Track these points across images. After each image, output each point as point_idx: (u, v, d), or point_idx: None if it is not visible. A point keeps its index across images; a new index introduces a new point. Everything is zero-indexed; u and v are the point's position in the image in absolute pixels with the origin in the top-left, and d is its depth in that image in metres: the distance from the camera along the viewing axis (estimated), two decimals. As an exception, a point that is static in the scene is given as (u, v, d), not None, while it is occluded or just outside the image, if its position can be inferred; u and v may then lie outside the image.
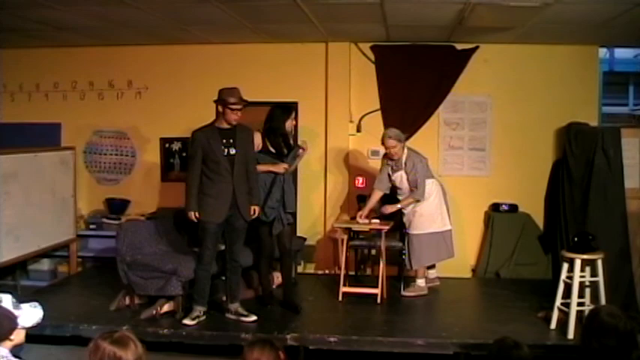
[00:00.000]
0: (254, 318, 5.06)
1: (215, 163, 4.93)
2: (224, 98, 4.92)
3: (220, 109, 4.97)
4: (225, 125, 4.99)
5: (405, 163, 5.83)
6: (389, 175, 5.93)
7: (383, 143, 5.82)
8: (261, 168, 5.31)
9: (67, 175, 6.80)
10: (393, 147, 5.77)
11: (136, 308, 5.27)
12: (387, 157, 5.92)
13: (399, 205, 5.85)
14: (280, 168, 5.37)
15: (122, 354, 2.51)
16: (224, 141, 4.95)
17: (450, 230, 5.98)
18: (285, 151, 5.47)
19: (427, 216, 5.86)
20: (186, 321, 4.92)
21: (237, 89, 5.01)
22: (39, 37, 6.53)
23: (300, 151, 5.67)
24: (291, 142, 5.64)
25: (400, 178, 5.87)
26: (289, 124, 5.53)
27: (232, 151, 4.95)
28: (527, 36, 6.18)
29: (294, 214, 5.74)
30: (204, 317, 5.01)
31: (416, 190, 5.79)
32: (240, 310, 5.11)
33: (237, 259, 5.13)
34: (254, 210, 5.10)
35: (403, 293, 5.89)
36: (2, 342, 2.64)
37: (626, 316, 2.91)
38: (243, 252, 5.38)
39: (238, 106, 4.92)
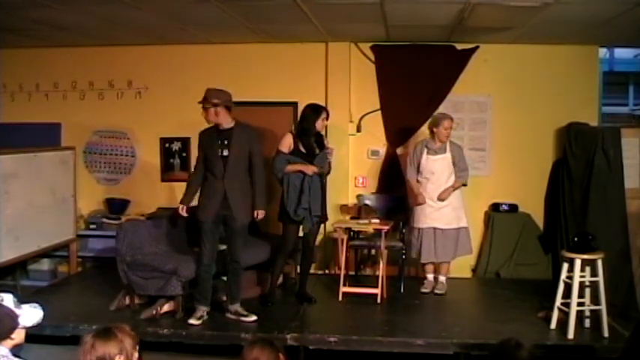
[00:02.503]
0: (254, 318, 5.06)
1: (211, 163, 5.00)
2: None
3: None
4: (224, 126, 5.00)
5: (450, 147, 5.91)
6: (419, 162, 5.93)
7: (437, 126, 5.83)
8: (290, 169, 5.40)
9: (67, 175, 6.80)
10: (451, 128, 5.87)
11: (136, 308, 5.27)
12: (428, 142, 5.94)
13: (451, 189, 5.90)
14: (309, 169, 5.40)
15: (103, 347, 2.52)
16: (219, 142, 4.99)
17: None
18: (317, 151, 5.50)
19: (459, 209, 5.95)
20: (192, 321, 4.92)
21: (209, 90, 5.07)
22: (39, 37, 6.53)
23: (329, 150, 5.66)
24: (325, 141, 5.68)
25: (440, 162, 5.88)
26: (320, 124, 5.55)
27: (225, 153, 4.97)
28: (527, 36, 6.18)
29: (324, 214, 5.72)
30: (206, 317, 5.02)
31: (462, 173, 5.91)
32: (240, 311, 5.11)
33: (237, 260, 5.12)
34: (257, 214, 5.09)
35: (438, 292, 5.93)
36: (3, 341, 2.64)
37: None
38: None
39: (202, 103, 5.01)
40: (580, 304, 4.69)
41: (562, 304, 4.79)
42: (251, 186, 5.09)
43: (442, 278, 6.02)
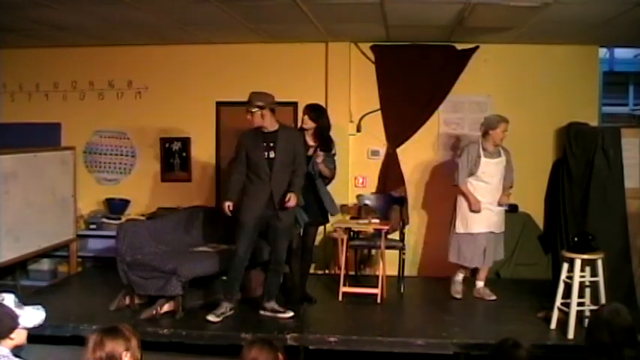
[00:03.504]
0: (291, 314, 5.09)
1: (255, 166, 5.02)
2: None
3: None
4: (268, 129, 5.01)
5: (502, 150, 5.76)
6: (476, 166, 5.69)
7: (494, 128, 5.62)
8: None
9: (67, 175, 6.80)
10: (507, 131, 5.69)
11: (136, 308, 5.27)
12: (482, 144, 5.70)
13: (509, 192, 5.83)
14: None
15: (112, 343, 2.53)
16: (264, 144, 5.00)
17: None
18: (311, 152, 5.49)
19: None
20: (211, 317, 4.93)
21: (253, 93, 5.03)
22: (39, 37, 6.53)
23: (318, 156, 5.53)
24: (332, 144, 5.65)
25: (497, 165, 5.70)
26: (306, 123, 5.54)
27: (272, 155, 4.98)
28: (527, 36, 6.18)
29: (325, 216, 5.72)
30: (230, 313, 5.04)
31: (512, 175, 5.81)
32: (277, 307, 5.13)
33: (281, 262, 5.17)
34: (289, 197, 5.01)
35: (491, 298, 5.80)
36: (3, 340, 2.65)
37: (630, 313, 2.90)
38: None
39: (247, 108, 4.97)
40: (580, 304, 4.69)
41: (562, 304, 4.79)
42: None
43: (481, 284, 5.89)
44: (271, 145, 5.00)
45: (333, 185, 6.94)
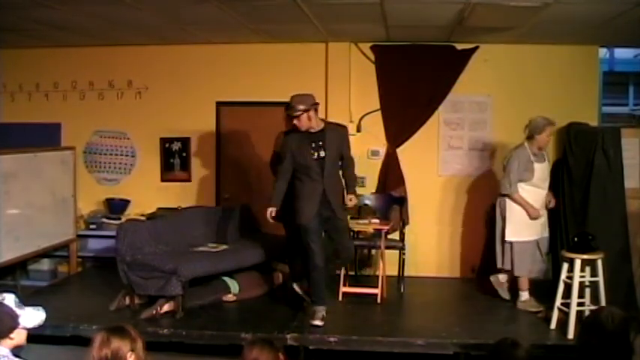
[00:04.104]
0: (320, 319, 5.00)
1: (305, 167, 4.98)
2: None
3: None
4: (315, 128, 5.00)
5: (545, 153, 5.54)
6: (529, 171, 5.41)
7: (540, 132, 5.34)
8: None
9: (67, 175, 6.80)
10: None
11: (136, 308, 5.27)
12: (530, 148, 5.42)
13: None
14: None
15: (118, 342, 2.54)
16: (313, 144, 4.97)
17: None
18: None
19: None
20: (316, 322, 4.90)
21: (294, 97, 4.99)
22: (39, 37, 6.53)
23: None
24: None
25: (545, 169, 5.49)
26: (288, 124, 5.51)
27: (322, 154, 4.96)
28: (527, 36, 6.18)
29: None
30: (325, 315, 5.03)
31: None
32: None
33: (350, 256, 5.33)
34: (350, 198, 5.06)
35: (535, 309, 5.37)
36: (3, 340, 2.65)
37: (626, 320, 2.88)
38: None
39: (291, 113, 4.94)
40: (580, 304, 4.69)
41: (562, 304, 4.79)
42: (343, 180, 5.14)
43: (526, 295, 5.48)
44: (320, 144, 4.97)
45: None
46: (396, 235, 6.22)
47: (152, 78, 7.20)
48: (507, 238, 5.42)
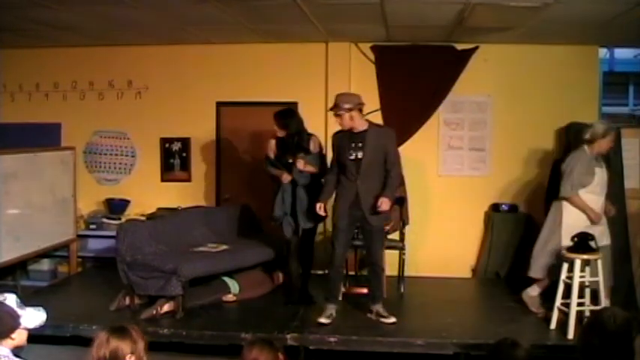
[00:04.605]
0: (393, 320, 5.03)
1: (344, 167, 5.00)
2: None
3: None
4: (358, 129, 4.98)
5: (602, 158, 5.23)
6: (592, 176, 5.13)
7: (604, 137, 5.06)
8: (272, 172, 5.48)
9: (67, 175, 6.80)
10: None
11: (136, 308, 5.27)
12: (590, 153, 5.12)
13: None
14: (284, 178, 5.41)
15: (117, 342, 2.53)
16: (353, 145, 4.95)
17: None
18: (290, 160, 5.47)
19: None
20: (322, 320, 4.94)
21: (339, 95, 5.00)
22: (39, 37, 6.53)
23: (298, 164, 5.42)
24: (312, 145, 5.53)
25: (601, 175, 5.18)
26: (277, 131, 5.52)
27: (359, 155, 4.93)
28: (527, 36, 6.18)
29: (318, 220, 5.64)
30: (335, 314, 5.05)
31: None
32: (381, 311, 5.10)
33: (375, 262, 5.13)
34: (381, 202, 4.86)
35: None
36: (4, 340, 2.65)
37: (629, 321, 2.87)
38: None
39: (335, 111, 4.94)
40: (580, 304, 4.69)
41: (562, 304, 4.79)
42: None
43: (537, 291, 5.30)
44: (359, 145, 4.94)
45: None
46: (396, 235, 6.21)
47: (152, 78, 7.20)
48: (563, 243, 5.02)
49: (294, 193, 5.40)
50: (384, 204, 4.87)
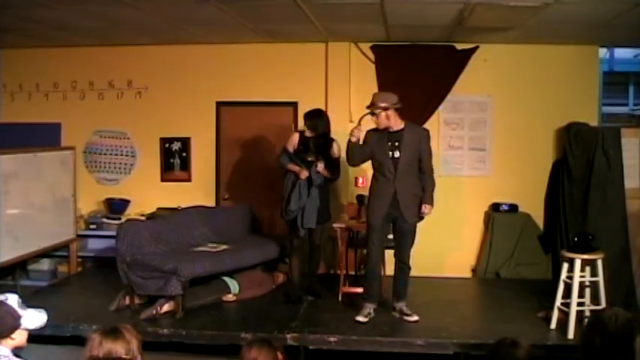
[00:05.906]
0: (416, 318, 5.08)
1: (381, 165, 5.03)
2: None
3: None
4: (394, 128, 5.01)
5: None
6: None
7: None
8: (288, 167, 5.51)
9: (67, 175, 6.80)
10: None
11: (136, 308, 5.27)
12: None
13: None
14: (302, 174, 5.44)
15: (110, 344, 2.53)
16: (389, 144, 4.99)
17: None
18: (314, 157, 5.51)
19: None
20: (359, 318, 5.00)
21: (376, 94, 5.12)
22: (39, 37, 6.53)
23: (317, 165, 5.51)
24: (333, 147, 5.62)
25: None
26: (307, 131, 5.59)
27: (397, 154, 4.98)
28: (527, 36, 6.18)
29: (326, 215, 5.72)
30: (373, 314, 5.09)
31: None
32: (405, 310, 5.15)
33: (405, 261, 5.17)
34: (425, 207, 5.05)
35: None
36: (4, 340, 2.65)
37: (630, 321, 2.86)
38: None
39: (371, 110, 4.98)
40: (580, 304, 4.69)
41: (562, 304, 4.79)
42: (421, 184, 5.10)
43: None
44: (396, 144, 4.99)
45: (334, 185, 6.98)
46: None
47: (152, 78, 7.21)
48: None
49: (307, 192, 5.43)
50: (428, 209, 5.04)
